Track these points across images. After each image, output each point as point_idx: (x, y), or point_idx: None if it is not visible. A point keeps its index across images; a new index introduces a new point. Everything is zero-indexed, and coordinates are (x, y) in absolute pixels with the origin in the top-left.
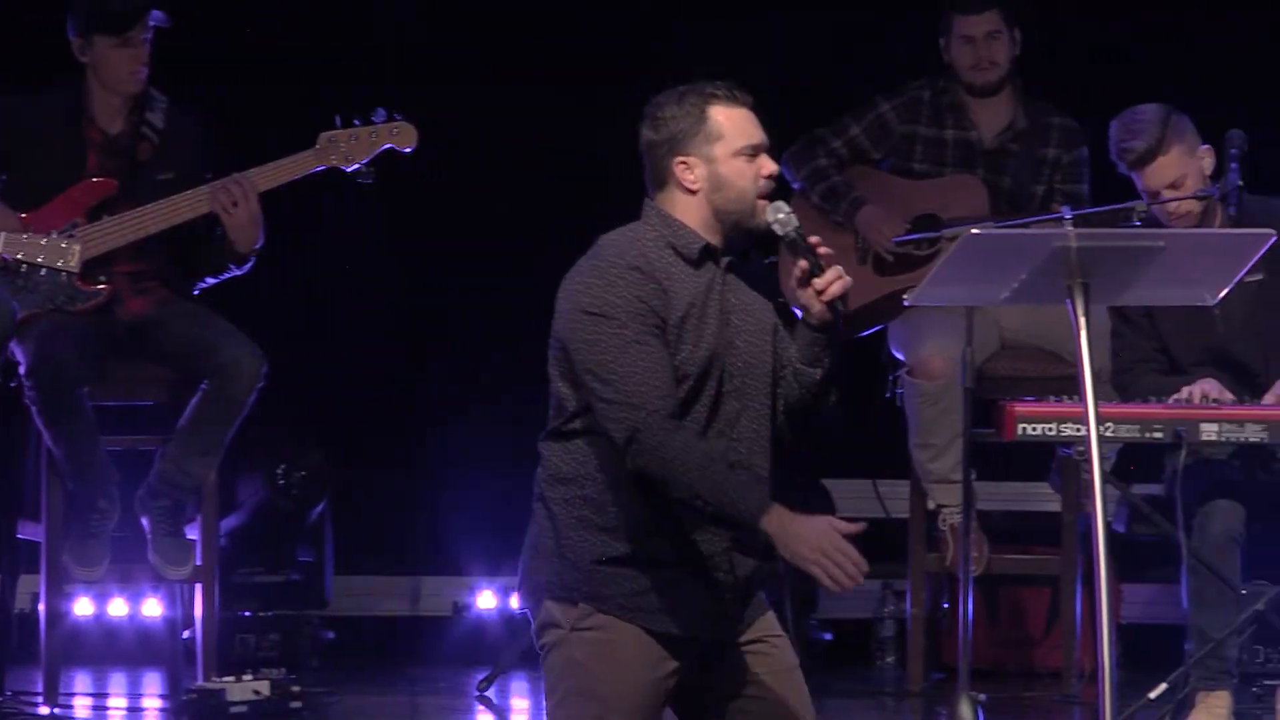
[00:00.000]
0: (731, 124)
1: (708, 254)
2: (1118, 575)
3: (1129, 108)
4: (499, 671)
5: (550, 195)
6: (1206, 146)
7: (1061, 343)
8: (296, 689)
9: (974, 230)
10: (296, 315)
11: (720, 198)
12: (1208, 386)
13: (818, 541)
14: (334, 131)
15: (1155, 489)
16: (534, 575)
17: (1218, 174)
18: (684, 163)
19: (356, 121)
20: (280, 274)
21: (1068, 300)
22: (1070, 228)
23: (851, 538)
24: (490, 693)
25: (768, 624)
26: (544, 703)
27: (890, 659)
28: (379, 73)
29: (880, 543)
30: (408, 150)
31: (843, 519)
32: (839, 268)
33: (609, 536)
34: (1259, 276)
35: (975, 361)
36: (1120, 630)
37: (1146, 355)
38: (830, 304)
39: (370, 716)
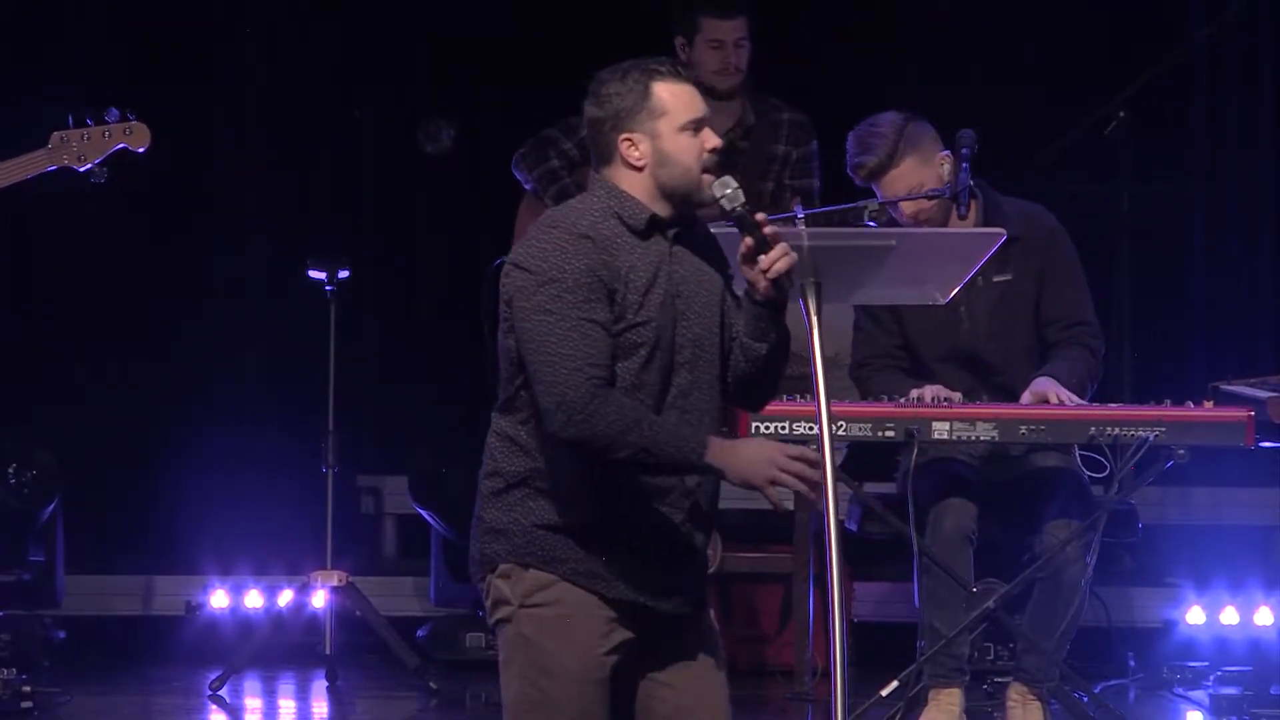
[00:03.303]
0: (675, 99)
1: (655, 225)
2: (850, 573)
3: (867, 118)
4: (231, 671)
5: (288, 200)
6: (946, 152)
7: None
8: (28, 689)
9: (711, 228)
10: (24, 313)
11: (665, 173)
12: (938, 389)
13: (766, 457)
14: (66, 131)
15: (889, 487)
16: (485, 547)
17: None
18: (628, 139)
19: (89, 121)
20: (6, 272)
21: (799, 299)
22: (802, 226)
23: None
24: (223, 692)
25: (705, 608)
26: (499, 675)
27: None
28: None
29: None
30: (141, 150)
31: None
32: (785, 245)
33: (563, 505)
34: (1006, 276)
35: None
36: (852, 628)
37: (887, 351)
38: (775, 281)
39: (102, 716)
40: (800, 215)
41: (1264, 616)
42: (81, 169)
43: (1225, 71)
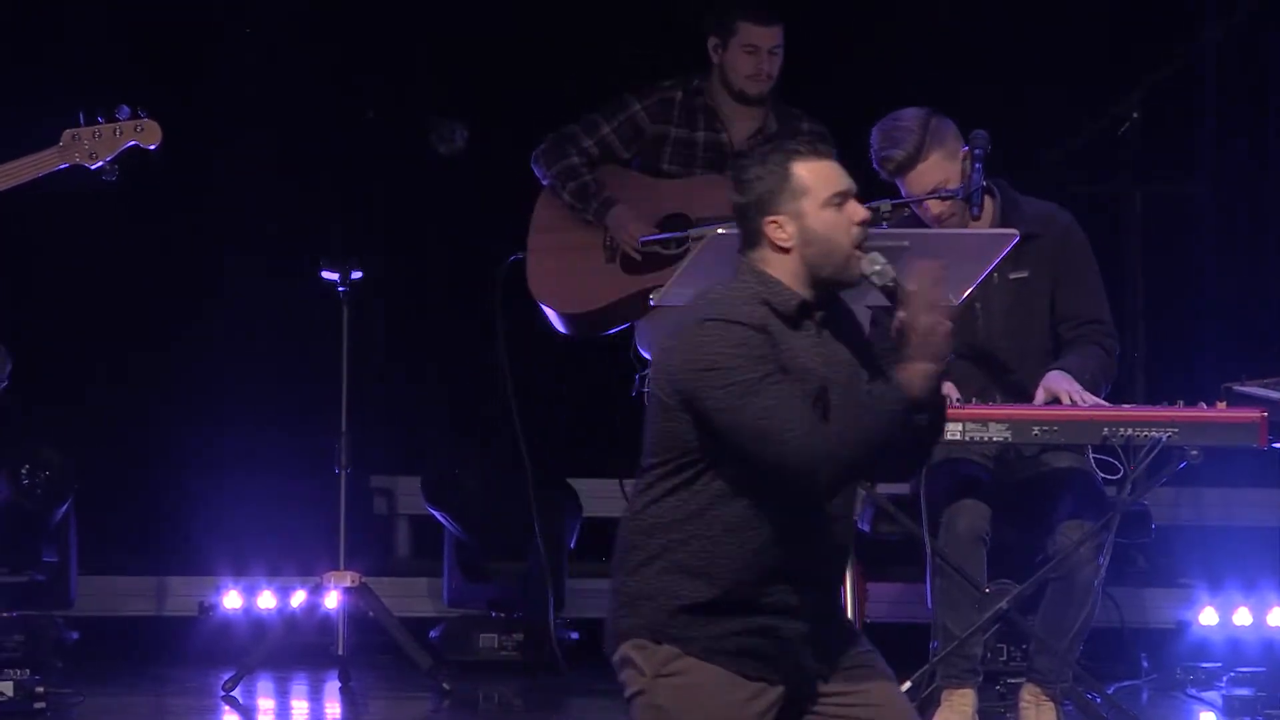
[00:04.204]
0: (815, 176)
1: (804, 310)
2: (863, 574)
3: (891, 113)
4: (244, 671)
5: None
6: (966, 149)
7: None
8: (41, 690)
9: (720, 230)
10: (38, 313)
11: (813, 252)
12: (948, 388)
13: (925, 315)
14: (78, 129)
15: (901, 488)
16: (620, 620)
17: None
18: (774, 221)
19: (100, 119)
20: (21, 272)
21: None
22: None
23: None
24: (236, 693)
25: (859, 645)
26: None
27: None
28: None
29: None
30: (152, 147)
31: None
32: (940, 315)
33: (702, 582)
34: (1023, 274)
35: None
36: (865, 628)
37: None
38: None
39: (115, 717)
40: None
41: (1277, 617)
42: (93, 167)
43: (1235, 71)
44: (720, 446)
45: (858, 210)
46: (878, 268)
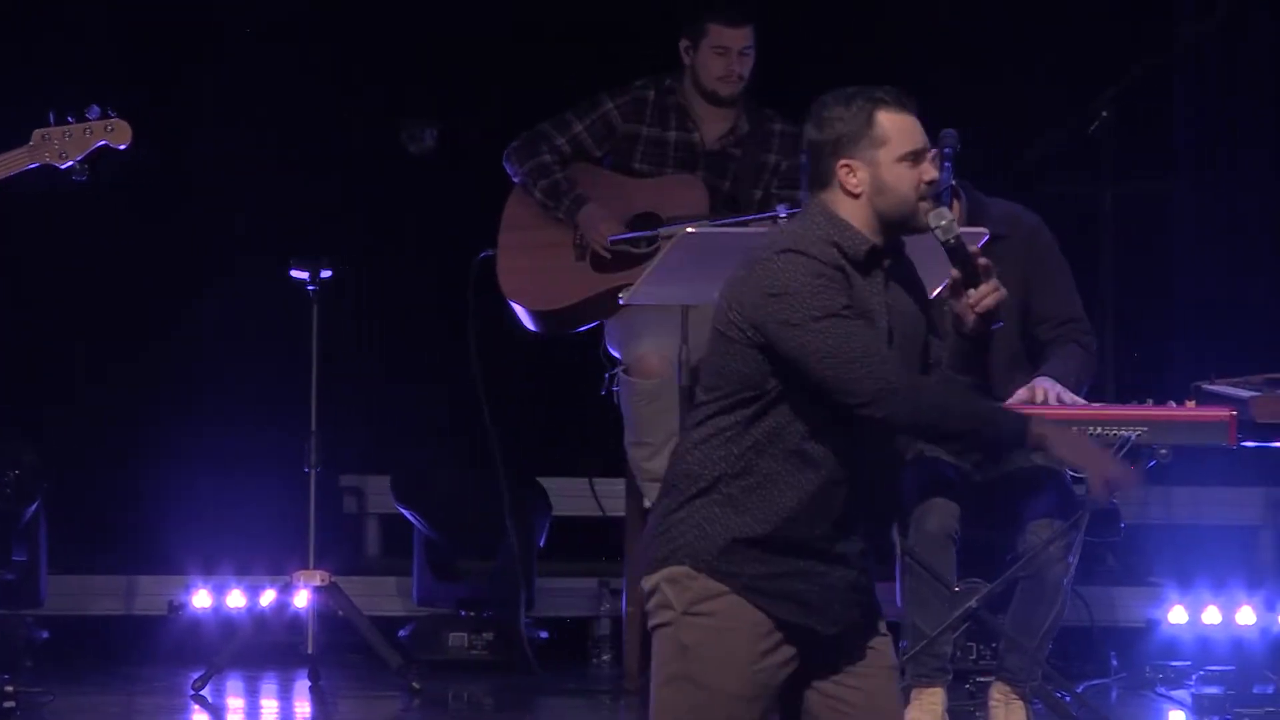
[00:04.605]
0: (897, 129)
1: (873, 256)
2: None
3: None
4: (214, 671)
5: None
6: (934, 151)
7: None
8: (10, 689)
9: (689, 229)
10: (6, 312)
11: (882, 201)
12: None
13: (1089, 445)
14: (47, 129)
15: None
16: (662, 546)
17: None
18: (847, 165)
19: (70, 118)
20: None
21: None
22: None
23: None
24: (205, 692)
25: (877, 622)
26: (650, 680)
27: (606, 657)
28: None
29: (596, 541)
30: (122, 147)
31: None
32: (995, 281)
33: (752, 519)
34: None
35: (691, 360)
36: None
37: None
38: (983, 315)
39: (85, 716)
40: (783, 215)
41: (1246, 616)
42: (63, 166)
43: (1208, 70)
44: (784, 378)
45: (929, 170)
46: (944, 222)
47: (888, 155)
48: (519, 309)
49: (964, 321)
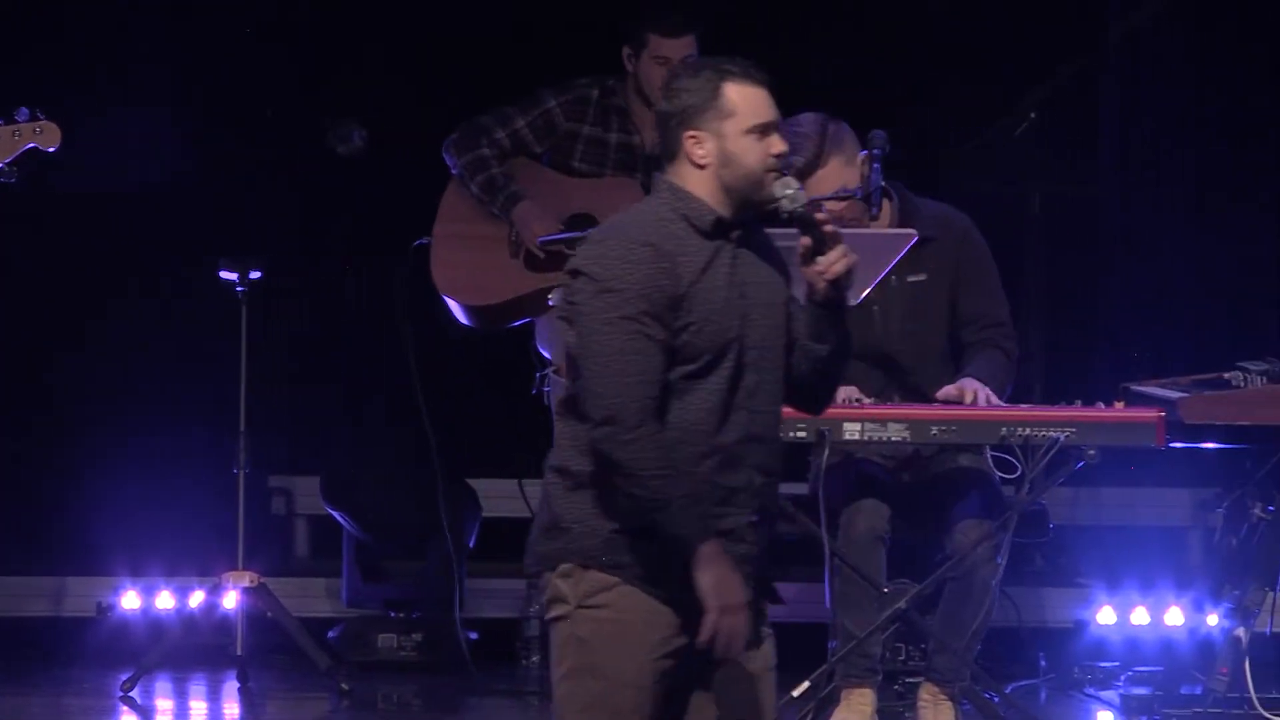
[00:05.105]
0: (745, 101)
1: (720, 227)
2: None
3: (787, 118)
4: (142, 672)
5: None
6: (865, 153)
7: None
8: None
9: None
10: None
11: (728, 174)
12: (849, 390)
13: (733, 600)
14: None
15: (800, 488)
16: (547, 544)
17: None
18: (694, 137)
19: None
20: None
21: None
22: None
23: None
24: (134, 693)
25: (762, 615)
26: (551, 674)
27: (535, 658)
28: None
29: (525, 543)
30: (51, 150)
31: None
32: (844, 246)
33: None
34: (920, 276)
35: None
36: None
37: None
38: (834, 282)
39: (13, 717)
40: None
41: (1174, 617)
42: None
43: (1137, 71)
44: None
45: (776, 143)
46: (789, 192)
47: (734, 127)
48: (451, 302)
49: (815, 289)
